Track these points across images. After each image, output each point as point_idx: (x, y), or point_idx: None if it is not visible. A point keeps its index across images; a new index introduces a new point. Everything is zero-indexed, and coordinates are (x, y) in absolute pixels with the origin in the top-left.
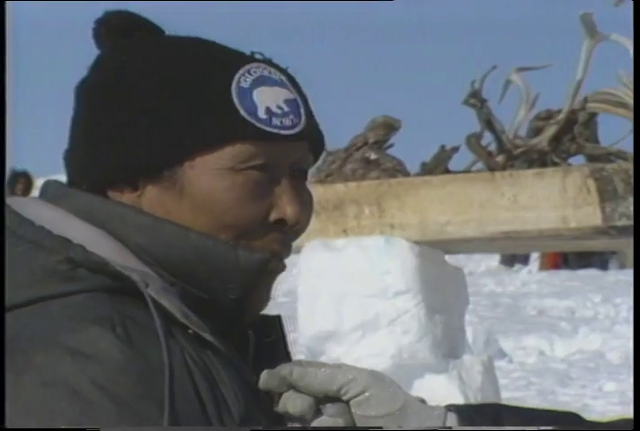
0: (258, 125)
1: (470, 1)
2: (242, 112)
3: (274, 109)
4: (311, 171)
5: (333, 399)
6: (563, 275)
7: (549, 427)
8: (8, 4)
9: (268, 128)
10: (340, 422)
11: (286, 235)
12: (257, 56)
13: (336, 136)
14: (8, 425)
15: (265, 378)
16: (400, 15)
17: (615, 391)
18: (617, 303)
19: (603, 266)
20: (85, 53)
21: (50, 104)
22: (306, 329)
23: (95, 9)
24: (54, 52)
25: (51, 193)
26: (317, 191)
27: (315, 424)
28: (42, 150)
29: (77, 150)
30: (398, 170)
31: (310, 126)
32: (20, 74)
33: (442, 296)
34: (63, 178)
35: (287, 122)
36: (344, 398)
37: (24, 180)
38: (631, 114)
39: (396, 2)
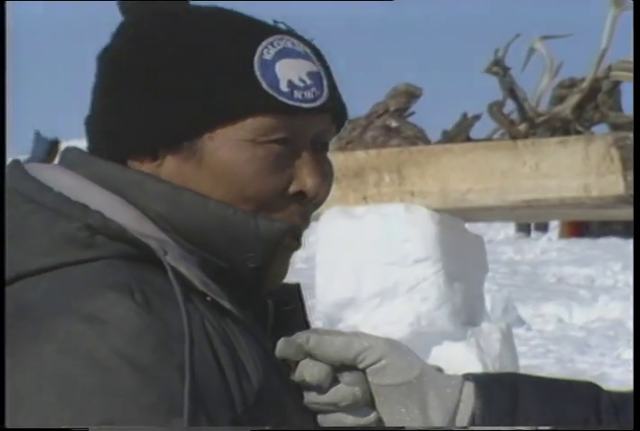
0: (280, 98)
1: None
2: (264, 85)
3: (296, 81)
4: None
5: (350, 367)
6: (583, 243)
7: (549, 427)
8: (8, 4)
9: (290, 102)
10: (356, 390)
11: (305, 207)
12: (281, 26)
13: (357, 104)
14: (22, 392)
15: (282, 346)
16: None
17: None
18: None
19: (626, 234)
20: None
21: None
22: (325, 296)
23: (94, 8)
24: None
25: (71, 160)
26: (338, 159)
27: (331, 391)
28: (65, 114)
29: (98, 118)
30: (419, 137)
31: (333, 98)
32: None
33: (461, 264)
34: (84, 143)
35: (309, 95)
36: (360, 366)
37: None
38: None
39: None
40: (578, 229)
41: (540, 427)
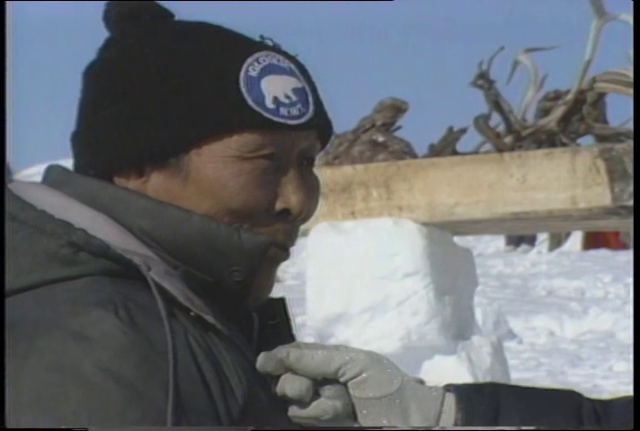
0: (265, 115)
1: None
2: (249, 102)
3: (282, 98)
4: (319, 154)
5: (331, 381)
6: (573, 255)
7: (548, 428)
8: (8, 4)
9: (275, 118)
10: (338, 404)
11: (291, 224)
12: (267, 42)
13: (344, 119)
14: (11, 413)
15: (263, 360)
16: None
17: (625, 370)
18: (627, 283)
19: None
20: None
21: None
22: (315, 311)
23: (93, 8)
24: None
25: (54, 178)
26: (325, 174)
27: (313, 405)
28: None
29: (84, 134)
30: (406, 152)
31: (318, 114)
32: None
33: (451, 278)
34: (69, 162)
35: (294, 112)
36: (342, 379)
37: None
38: None
39: None
40: (598, 240)
41: (541, 428)
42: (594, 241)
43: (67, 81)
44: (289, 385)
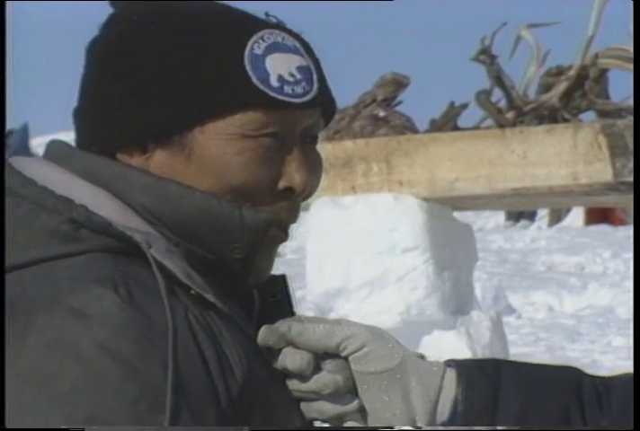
0: (270, 93)
1: None
2: (254, 80)
3: (286, 76)
4: None
5: (332, 355)
6: (572, 231)
7: (549, 428)
8: (8, 4)
9: (280, 96)
10: (338, 378)
11: (294, 202)
12: (271, 19)
13: (345, 94)
14: (11, 389)
15: (264, 334)
16: None
17: (624, 345)
18: (626, 259)
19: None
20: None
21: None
22: (315, 286)
23: (93, 7)
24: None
25: (55, 153)
26: (326, 148)
27: (313, 379)
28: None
29: (87, 111)
30: (407, 127)
31: (322, 92)
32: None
33: (451, 253)
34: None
35: (299, 90)
36: (343, 354)
37: None
38: None
39: None
40: (601, 215)
41: (542, 428)
42: (597, 216)
43: (72, 54)
44: (290, 359)
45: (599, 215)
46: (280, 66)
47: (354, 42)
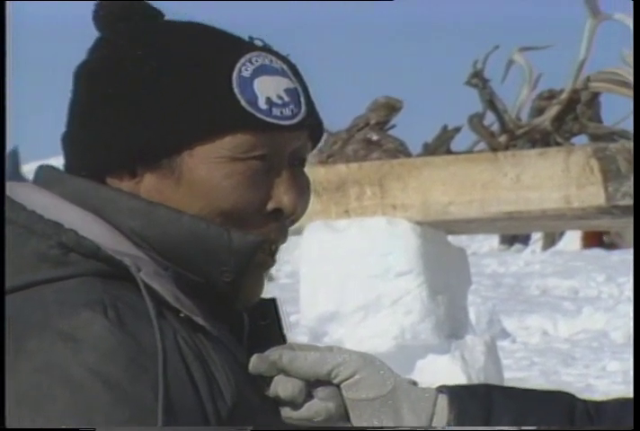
0: (258, 115)
1: None
2: (242, 103)
3: (275, 99)
4: (312, 152)
5: (324, 382)
6: (566, 255)
7: (548, 428)
8: (8, 4)
9: (268, 119)
10: (330, 406)
11: (283, 224)
12: (257, 42)
13: (338, 117)
14: (8, 422)
15: (255, 362)
16: None
17: (618, 370)
18: (620, 283)
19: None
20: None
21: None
22: (309, 310)
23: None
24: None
25: (45, 178)
26: (319, 172)
27: (305, 407)
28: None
29: (76, 135)
30: (400, 150)
31: (310, 114)
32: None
33: (445, 277)
34: (60, 160)
35: (287, 112)
36: (335, 381)
37: None
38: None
39: None
40: (597, 239)
41: (541, 428)
42: (594, 239)
43: (61, 80)
44: (282, 387)
45: (595, 239)
46: (268, 89)
47: (347, 66)
